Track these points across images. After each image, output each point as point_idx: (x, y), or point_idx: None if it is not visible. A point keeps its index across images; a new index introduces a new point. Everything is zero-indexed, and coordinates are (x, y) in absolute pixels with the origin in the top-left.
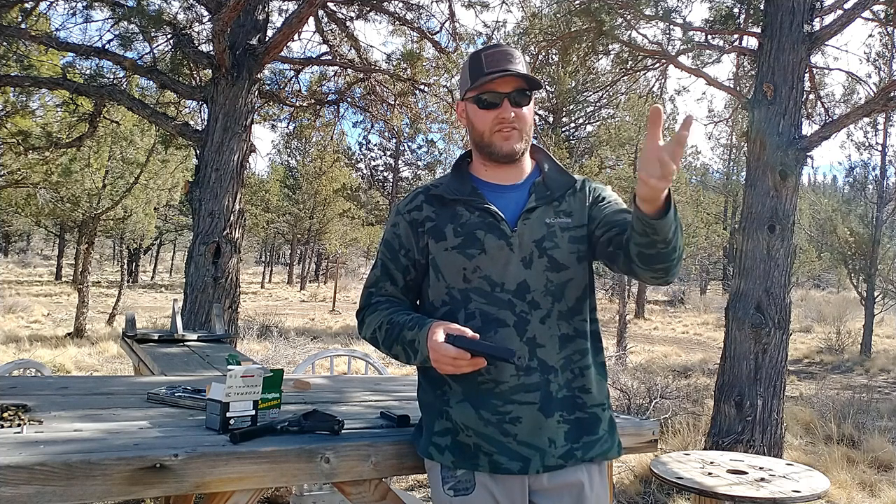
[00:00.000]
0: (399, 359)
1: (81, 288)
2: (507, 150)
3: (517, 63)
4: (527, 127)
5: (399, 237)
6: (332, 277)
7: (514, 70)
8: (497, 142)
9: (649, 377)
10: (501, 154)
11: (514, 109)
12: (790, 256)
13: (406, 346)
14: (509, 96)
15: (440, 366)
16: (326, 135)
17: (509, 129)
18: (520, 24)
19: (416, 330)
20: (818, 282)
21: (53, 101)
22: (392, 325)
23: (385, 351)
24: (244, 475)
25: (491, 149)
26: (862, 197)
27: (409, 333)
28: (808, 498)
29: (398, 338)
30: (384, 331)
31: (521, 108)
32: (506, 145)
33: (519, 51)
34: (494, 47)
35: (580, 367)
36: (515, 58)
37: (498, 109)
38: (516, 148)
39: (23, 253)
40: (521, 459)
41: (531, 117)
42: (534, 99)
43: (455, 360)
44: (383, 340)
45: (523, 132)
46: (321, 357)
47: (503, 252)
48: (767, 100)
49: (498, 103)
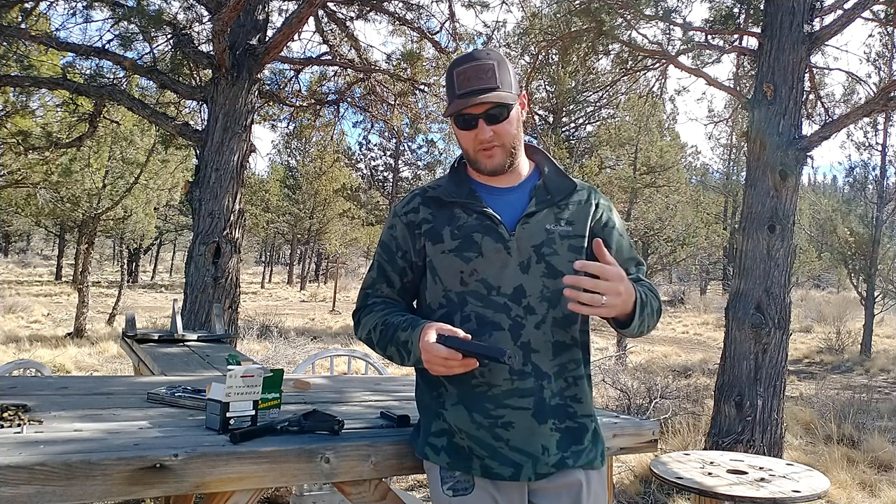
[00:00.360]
0: (394, 360)
1: (81, 288)
2: (492, 167)
3: (489, 78)
4: (510, 139)
5: (396, 239)
6: (332, 277)
7: (488, 89)
8: (482, 160)
9: (649, 377)
10: (487, 171)
11: (492, 128)
12: (790, 256)
13: (400, 347)
14: (484, 116)
15: (432, 366)
16: (326, 135)
17: (490, 148)
18: (520, 24)
19: (409, 331)
20: (818, 282)
21: (53, 101)
22: (386, 326)
23: (380, 352)
24: (244, 475)
25: (477, 165)
26: (862, 197)
27: (403, 334)
28: (808, 498)
29: (392, 338)
30: (378, 332)
31: (499, 124)
32: (489, 163)
33: (497, 57)
34: (465, 61)
35: (574, 376)
36: (488, 72)
37: (475, 130)
38: (501, 164)
39: (23, 253)
40: (513, 465)
41: (513, 128)
42: (518, 105)
43: (446, 360)
44: (378, 341)
45: (506, 146)
46: (321, 357)
47: (500, 255)
48: (767, 100)
49: (474, 124)
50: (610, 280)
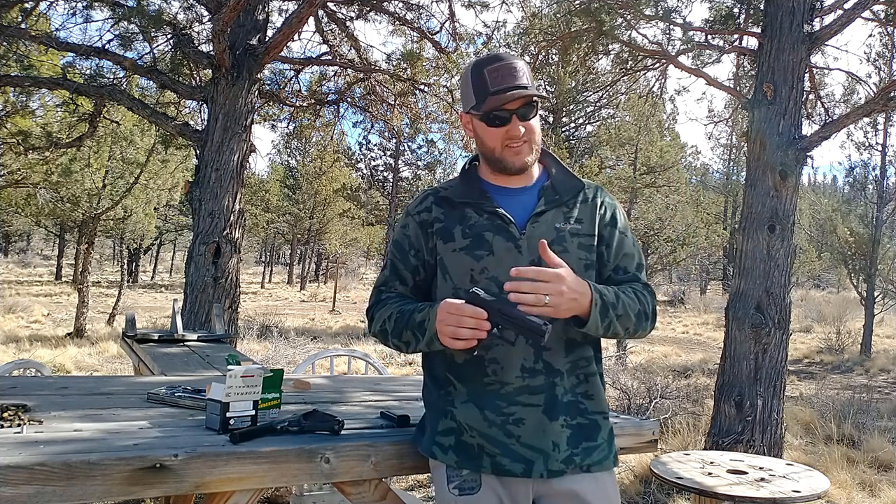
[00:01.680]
0: (408, 347)
1: (81, 288)
2: (519, 164)
3: (521, 76)
4: (535, 137)
5: (409, 237)
6: (332, 277)
7: (521, 87)
8: (508, 157)
9: (649, 377)
10: (514, 169)
11: (523, 124)
12: (790, 256)
13: (415, 330)
14: (517, 112)
15: (443, 326)
16: (326, 135)
17: (519, 144)
18: (520, 24)
19: (426, 311)
20: (818, 282)
21: (53, 101)
22: (402, 313)
23: (394, 340)
24: (244, 475)
25: (503, 164)
26: (862, 197)
27: (419, 315)
28: (808, 498)
29: (408, 322)
30: (394, 320)
31: (529, 122)
32: (517, 160)
33: (519, 58)
34: (497, 60)
35: (586, 373)
36: (519, 70)
37: (507, 126)
38: (528, 161)
39: (23, 253)
40: (525, 462)
41: (539, 127)
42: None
43: (464, 317)
44: (392, 329)
45: (532, 143)
46: (321, 357)
47: (511, 254)
48: (767, 100)
49: (507, 120)
50: (548, 281)
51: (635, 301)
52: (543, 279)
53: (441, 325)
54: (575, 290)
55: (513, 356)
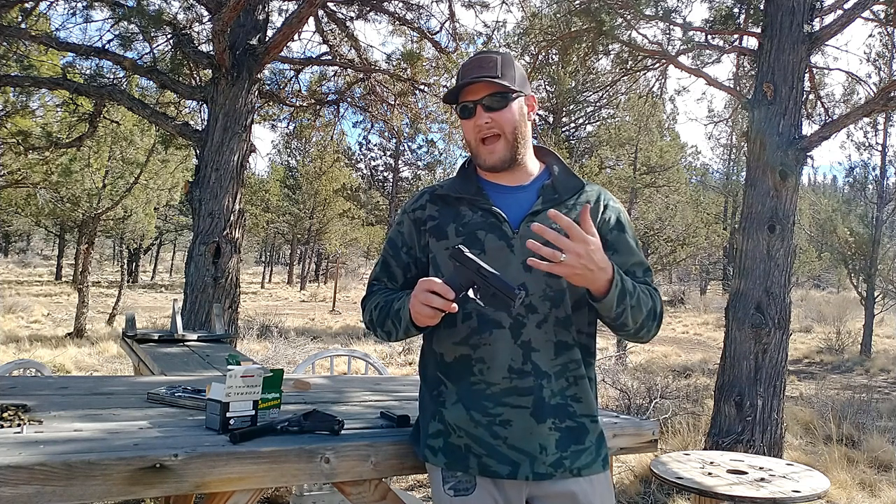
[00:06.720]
0: (390, 336)
1: (81, 288)
2: (492, 162)
3: (491, 68)
4: (510, 128)
5: (402, 235)
6: (332, 277)
7: (482, 77)
8: (482, 154)
9: (649, 377)
10: (486, 166)
11: (490, 115)
12: (790, 256)
13: (393, 318)
14: (481, 102)
15: (415, 305)
16: (326, 135)
17: (490, 137)
18: (520, 24)
19: (403, 300)
20: (818, 282)
21: (53, 101)
22: (386, 302)
23: (378, 329)
24: (244, 475)
25: (478, 160)
26: (862, 197)
27: (398, 304)
28: (808, 498)
29: (388, 311)
30: (378, 309)
31: (496, 112)
32: (490, 158)
33: (503, 54)
34: (475, 56)
35: (575, 376)
36: (491, 62)
37: (474, 118)
38: (502, 159)
39: (23, 253)
40: (511, 464)
41: (515, 119)
42: (524, 101)
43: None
44: (377, 319)
45: (505, 136)
46: (321, 357)
47: (503, 253)
48: (767, 100)
49: (472, 111)
50: (574, 239)
51: (649, 298)
52: (572, 236)
53: (414, 301)
54: (596, 262)
55: (499, 356)
